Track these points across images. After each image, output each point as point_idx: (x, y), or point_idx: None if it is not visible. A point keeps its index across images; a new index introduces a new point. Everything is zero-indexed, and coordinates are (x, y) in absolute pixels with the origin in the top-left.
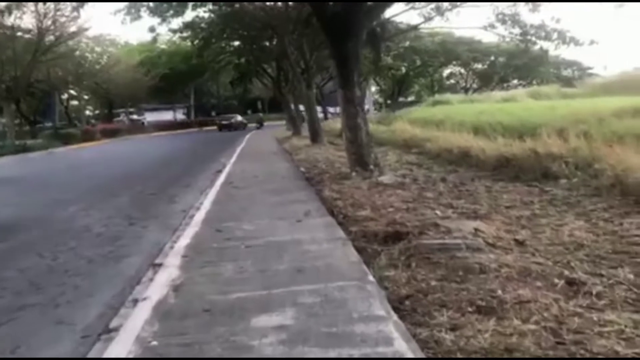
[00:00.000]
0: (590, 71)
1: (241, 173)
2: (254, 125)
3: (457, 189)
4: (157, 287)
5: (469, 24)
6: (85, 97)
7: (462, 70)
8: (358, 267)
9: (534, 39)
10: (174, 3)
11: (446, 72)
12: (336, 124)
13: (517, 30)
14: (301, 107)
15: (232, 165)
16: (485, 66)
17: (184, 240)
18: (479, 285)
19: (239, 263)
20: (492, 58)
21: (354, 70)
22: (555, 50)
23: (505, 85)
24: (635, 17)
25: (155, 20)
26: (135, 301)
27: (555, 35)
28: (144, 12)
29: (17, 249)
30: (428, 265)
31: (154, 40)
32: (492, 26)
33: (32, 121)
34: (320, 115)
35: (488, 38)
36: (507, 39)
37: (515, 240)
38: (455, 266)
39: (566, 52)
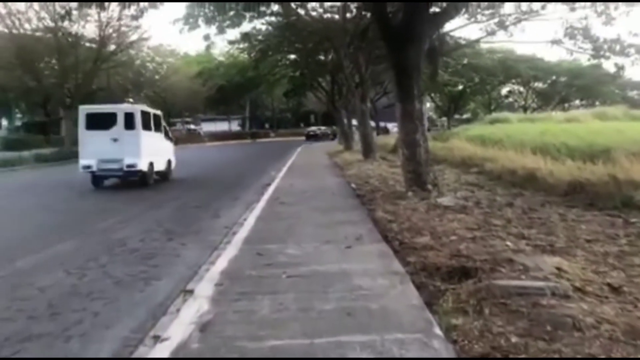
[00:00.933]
0: None
1: (289, 188)
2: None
3: (527, 215)
4: (182, 324)
5: (533, 39)
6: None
7: (522, 89)
8: (420, 313)
9: (607, 54)
10: (231, 14)
11: (504, 90)
12: (389, 139)
13: (588, 45)
14: (354, 122)
15: (281, 179)
16: (546, 85)
17: (222, 262)
18: (575, 348)
19: (278, 297)
20: (554, 77)
21: (414, 82)
22: (632, 66)
23: (566, 105)
24: None
25: (212, 30)
26: (156, 339)
27: (632, 51)
28: (202, 22)
29: (47, 262)
30: (505, 314)
31: (208, 47)
32: (559, 41)
33: None
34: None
35: (550, 56)
36: (573, 56)
37: (608, 285)
38: (541, 318)
39: (633, 73)
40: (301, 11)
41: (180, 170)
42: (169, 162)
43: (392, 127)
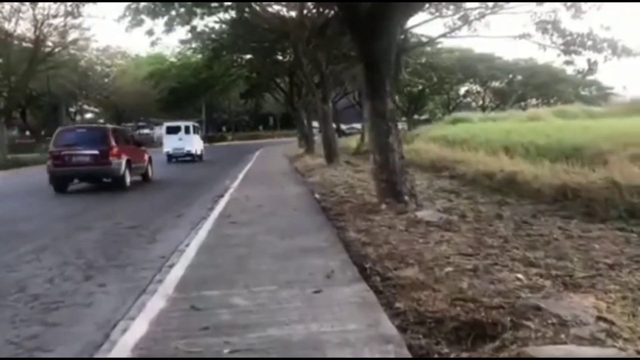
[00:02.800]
0: (609, 91)
1: (244, 201)
2: None
3: (524, 231)
4: None
5: (497, 35)
6: (96, 109)
7: (479, 88)
8: None
9: (579, 49)
10: (181, 10)
11: (462, 89)
12: (351, 141)
13: (558, 40)
14: (314, 124)
15: (236, 189)
16: (503, 84)
17: (141, 323)
18: None
19: None
20: (511, 76)
21: (386, 77)
22: (604, 62)
23: (522, 104)
24: None
25: (159, 27)
26: None
27: (605, 46)
28: (145, 17)
29: None
30: None
31: (153, 44)
32: (527, 35)
33: (40, 134)
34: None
35: (507, 55)
36: (545, 51)
37: None
38: None
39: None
40: (256, 7)
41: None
42: (201, 150)
43: (347, 128)
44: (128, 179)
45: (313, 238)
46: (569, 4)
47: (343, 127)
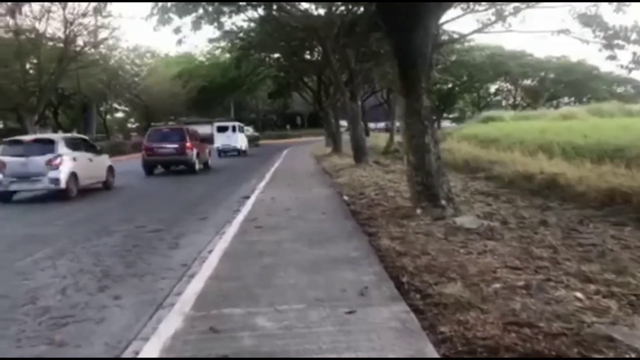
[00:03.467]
0: None
1: (270, 203)
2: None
3: (574, 240)
4: None
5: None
6: (126, 109)
7: (510, 86)
8: None
9: (622, 42)
10: (210, 9)
11: (493, 88)
12: (379, 140)
13: (600, 34)
14: (342, 123)
15: (263, 189)
16: (535, 82)
17: (154, 346)
18: None
19: None
20: (543, 74)
21: (422, 72)
22: None
23: (554, 102)
24: None
25: (186, 25)
26: None
27: None
28: (174, 15)
29: None
30: None
31: (179, 42)
32: (566, 31)
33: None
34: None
35: (539, 52)
36: (588, 45)
37: None
38: None
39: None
40: (286, 5)
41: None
42: (246, 146)
43: (373, 126)
44: (197, 166)
45: (343, 246)
46: None
47: (371, 125)
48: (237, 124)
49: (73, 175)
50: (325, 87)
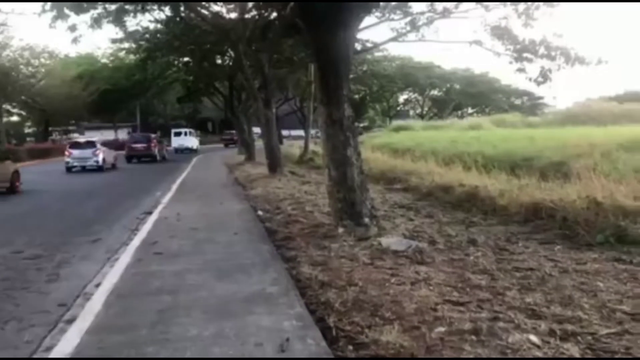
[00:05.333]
0: (540, 101)
1: (175, 221)
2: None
3: (508, 263)
4: None
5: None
6: (22, 112)
7: (418, 97)
8: None
9: (531, 56)
10: (112, 8)
11: (402, 98)
12: (293, 148)
13: (510, 47)
14: (255, 130)
15: (167, 204)
16: (442, 93)
17: None
18: None
19: None
20: (449, 85)
21: (344, 79)
22: (558, 70)
23: (459, 112)
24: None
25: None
26: None
27: (558, 53)
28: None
29: None
30: None
31: (75, 41)
32: (479, 42)
33: None
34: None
35: (446, 64)
36: (499, 57)
37: None
38: None
39: (517, 81)
40: (198, 8)
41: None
42: (197, 146)
43: (287, 134)
44: (158, 157)
45: (258, 278)
46: (520, 10)
47: (284, 133)
48: (189, 130)
49: None
50: (237, 92)
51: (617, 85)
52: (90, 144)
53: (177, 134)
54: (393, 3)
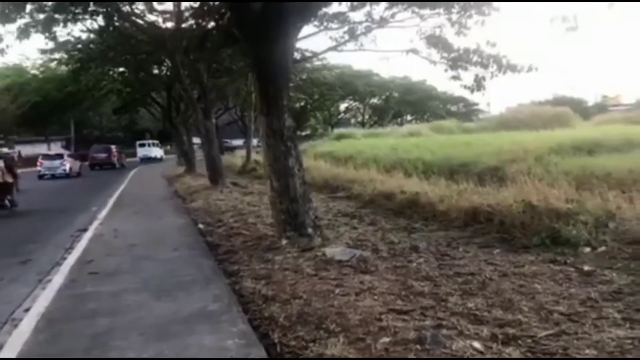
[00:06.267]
0: (475, 107)
1: (112, 238)
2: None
3: (450, 269)
4: None
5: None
6: None
7: (359, 105)
8: None
9: (465, 64)
10: (41, 17)
11: (343, 106)
12: (235, 158)
13: (445, 55)
14: (195, 140)
15: (104, 219)
16: (381, 101)
17: None
18: None
19: None
20: (388, 93)
21: (283, 89)
22: (491, 78)
23: (399, 119)
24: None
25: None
26: None
27: (491, 61)
28: None
29: None
30: None
31: (1, 52)
32: (415, 50)
33: None
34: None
35: (384, 73)
36: (435, 66)
37: None
38: None
39: (453, 89)
40: (135, 20)
41: None
42: (161, 155)
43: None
44: (117, 165)
45: (200, 295)
46: (454, 19)
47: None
48: (153, 141)
49: None
50: (176, 103)
51: (547, 90)
52: (59, 156)
53: (142, 145)
54: (331, 13)
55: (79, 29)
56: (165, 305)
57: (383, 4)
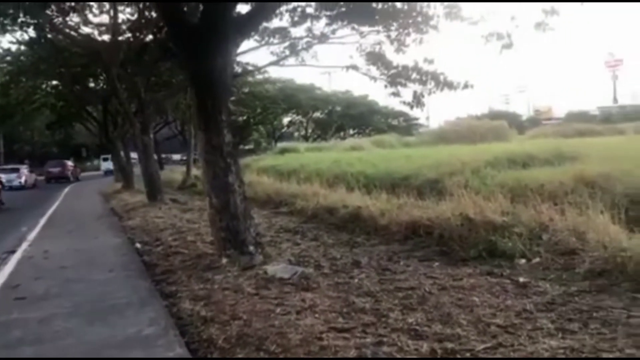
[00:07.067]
0: (415, 122)
1: (41, 260)
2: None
3: (391, 283)
4: None
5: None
6: None
7: (302, 118)
8: None
9: (404, 81)
10: None
11: (286, 120)
12: (175, 173)
13: (385, 72)
14: (133, 155)
15: (34, 240)
16: (324, 115)
17: None
18: None
19: None
20: (330, 107)
21: (222, 104)
22: (429, 95)
23: (342, 133)
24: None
25: None
26: None
27: (429, 78)
28: None
29: None
30: None
31: None
32: (355, 67)
33: None
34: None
35: (326, 87)
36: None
37: None
38: None
39: (394, 103)
40: (68, 32)
41: None
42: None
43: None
44: (71, 178)
45: (135, 319)
46: (392, 36)
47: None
48: (107, 156)
49: None
50: (113, 117)
51: (484, 104)
52: (15, 170)
53: (105, 159)
54: (272, 28)
55: (7, 41)
56: (97, 330)
57: (323, 20)
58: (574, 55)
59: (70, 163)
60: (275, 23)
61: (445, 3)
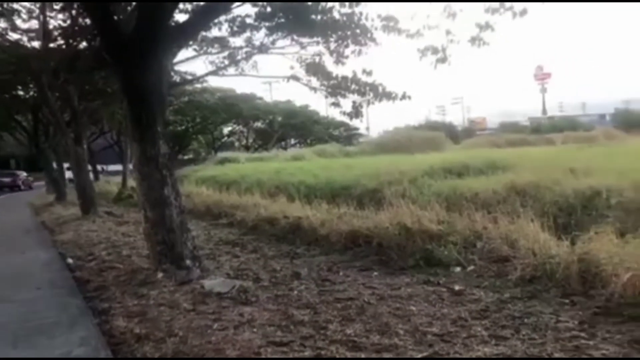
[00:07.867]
0: (355, 132)
1: None
2: None
3: (330, 295)
4: None
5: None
6: None
7: (242, 128)
8: None
9: (344, 92)
10: None
11: (226, 129)
12: (111, 186)
13: (325, 83)
14: (66, 166)
15: None
16: (265, 125)
17: None
18: None
19: None
20: (271, 117)
21: (158, 114)
22: (368, 106)
23: (283, 143)
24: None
25: None
26: None
27: (367, 89)
28: None
29: None
30: None
31: None
32: (296, 77)
33: None
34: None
35: (267, 97)
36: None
37: None
38: None
39: (335, 114)
40: None
41: None
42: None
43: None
44: (22, 187)
45: (63, 339)
46: (332, 48)
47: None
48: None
49: None
50: (44, 126)
51: (420, 115)
52: None
53: (69, 169)
54: (210, 37)
55: None
56: (22, 353)
57: (263, 31)
58: (506, 68)
59: (23, 174)
60: (214, 32)
61: (383, 15)
